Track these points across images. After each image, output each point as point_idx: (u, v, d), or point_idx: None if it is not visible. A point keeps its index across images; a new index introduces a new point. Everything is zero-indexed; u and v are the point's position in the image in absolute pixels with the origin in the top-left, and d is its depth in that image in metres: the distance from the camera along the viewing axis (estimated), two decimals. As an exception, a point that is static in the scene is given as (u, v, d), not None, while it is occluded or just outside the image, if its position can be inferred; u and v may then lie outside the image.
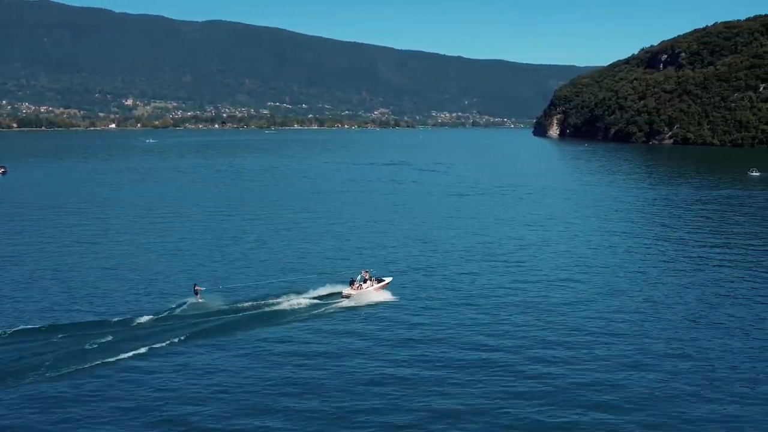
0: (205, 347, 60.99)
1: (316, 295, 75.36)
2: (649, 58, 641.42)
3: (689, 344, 61.16)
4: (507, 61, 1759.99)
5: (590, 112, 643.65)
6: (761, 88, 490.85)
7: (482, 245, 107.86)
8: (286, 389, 52.11)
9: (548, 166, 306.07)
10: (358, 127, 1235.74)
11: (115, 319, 67.05)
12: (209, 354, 59.46)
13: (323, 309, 71.98)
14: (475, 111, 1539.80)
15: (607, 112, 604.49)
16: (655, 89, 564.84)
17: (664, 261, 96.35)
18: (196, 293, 74.33)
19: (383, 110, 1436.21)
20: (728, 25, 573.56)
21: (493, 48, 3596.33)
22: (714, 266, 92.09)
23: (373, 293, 76.26)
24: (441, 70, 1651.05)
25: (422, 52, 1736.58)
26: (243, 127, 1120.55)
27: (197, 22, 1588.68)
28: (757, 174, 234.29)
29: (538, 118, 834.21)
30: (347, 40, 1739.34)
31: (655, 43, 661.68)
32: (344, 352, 59.51)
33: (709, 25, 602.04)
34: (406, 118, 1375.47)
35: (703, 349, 59.79)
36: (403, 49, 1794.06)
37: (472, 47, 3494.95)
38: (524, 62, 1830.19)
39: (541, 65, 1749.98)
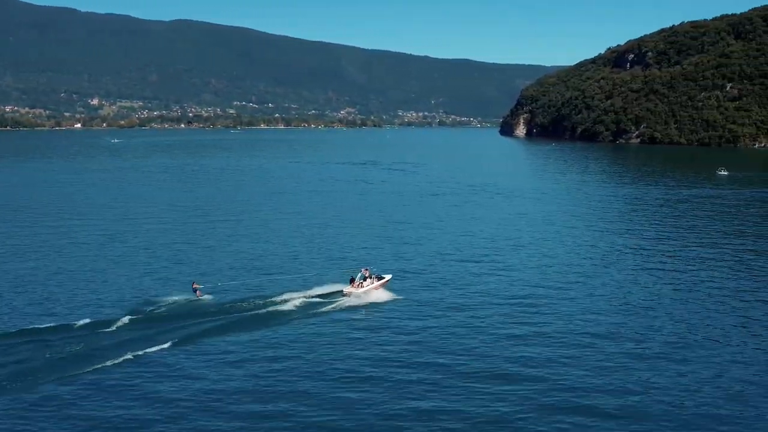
0: (201, 350, 59.12)
1: (316, 293, 74.70)
2: (615, 58, 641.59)
3: (669, 346, 60.58)
4: (473, 61, 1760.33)
5: (557, 111, 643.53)
6: (728, 88, 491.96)
7: (462, 244, 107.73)
8: (278, 394, 50.48)
9: (518, 166, 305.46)
10: (325, 126, 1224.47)
11: (96, 322, 64.86)
12: (204, 357, 57.58)
13: (324, 308, 71.20)
14: (441, 110, 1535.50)
15: (573, 112, 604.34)
16: (622, 88, 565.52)
17: (642, 261, 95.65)
18: (194, 291, 73.80)
19: (350, 110, 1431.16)
20: (695, 25, 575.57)
21: (459, 47, 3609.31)
22: (691, 266, 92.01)
23: (374, 292, 76.04)
24: (407, 69, 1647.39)
25: (388, 51, 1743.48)
26: (209, 126, 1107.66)
27: (164, 21, 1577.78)
28: (726, 173, 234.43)
29: (505, 117, 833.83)
30: (313, 39, 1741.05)
31: (622, 43, 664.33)
32: (342, 356, 57.94)
33: (676, 24, 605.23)
34: (372, 118, 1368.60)
35: (683, 351, 59.30)
36: (370, 48, 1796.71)
37: (438, 47, 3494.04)
38: (490, 62, 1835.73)
39: (507, 65, 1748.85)
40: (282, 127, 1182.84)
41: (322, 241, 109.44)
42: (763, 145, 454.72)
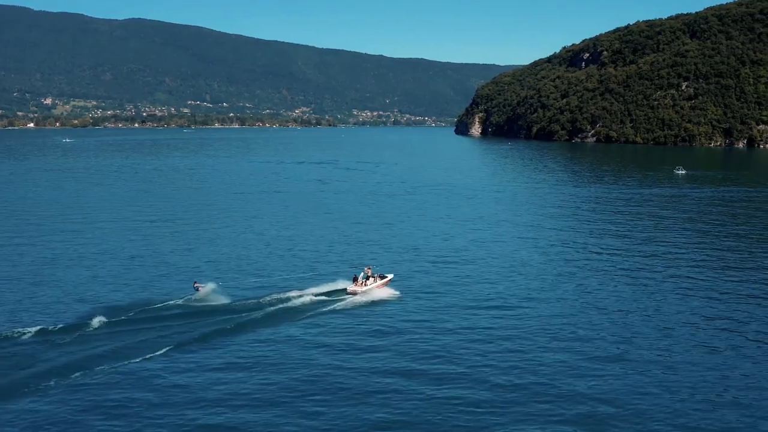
0: (195, 355, 54.49)
1: (320, 292, 71.49)
2: (571, 57, 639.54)
3: (653, 350, 56.78)
4: (428, 60, 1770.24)
5: (512, 110, 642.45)
6: (683, 87, 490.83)
7: (440, 244, 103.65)
8: (280, 402, 46.27)
9: (477, 165, 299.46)
10: (279, 126, 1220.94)
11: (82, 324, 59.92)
12: (202, 362, 53.12)
13: (331, 306, 68.18)
14: (396, 109, 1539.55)
15: (529, 111, 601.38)
16: (578, 87, 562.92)
17: (616, 262, 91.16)
18: (196, 290, 70.43)
19: (304, 109, 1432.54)
20: (650, 24, 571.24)
21: (414, 46, 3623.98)
22: (660, 265, 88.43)
23: (378, 291, 73.15)
24: (362, 68, 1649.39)
25: (343, 50, 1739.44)
26: (163, 126, 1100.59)
27: (117, 20, 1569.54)
28: (683, 172, 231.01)
29: (460, 116, 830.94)
30: (268, 38, 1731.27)
31: (577, 42, 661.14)
32: (351, 359, 54.12)
33: (631, 23, 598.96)
34: (327, 117, 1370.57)
35: (664, 355, 56.00)
36: (324, 47, 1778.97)
37: (392, 46, 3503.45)
38: (445, 61, 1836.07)
39: (461, 64, 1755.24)
40: (236, 126, 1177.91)
41: (311, 241, 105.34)
42: (719, 144, 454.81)
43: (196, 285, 71.14)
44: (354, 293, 71.51)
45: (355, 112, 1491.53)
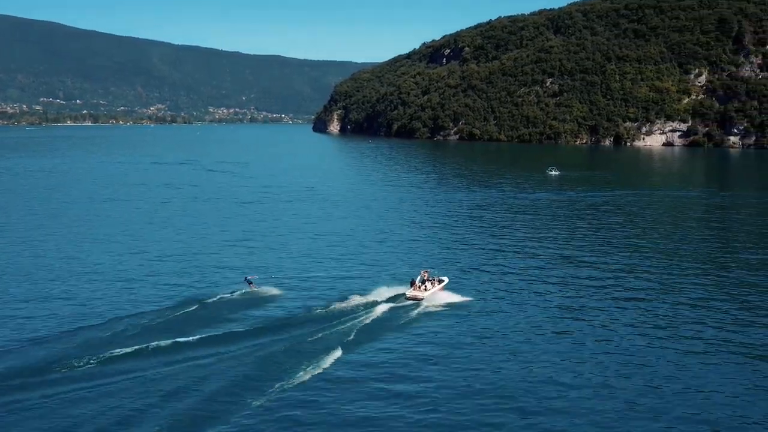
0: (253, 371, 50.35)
1: (379, 298, 68.80)
2: (431, 53, 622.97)
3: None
4: (284, 57, 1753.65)
5: (372, 107, 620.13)
6: (548, 83, 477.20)
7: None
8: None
9: (340, 166, 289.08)
10: (133, 123, 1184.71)
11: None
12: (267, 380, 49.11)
13: (402, 316, 65.25)
14: (252, 107, 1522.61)
15: (389, 108, 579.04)
16: (439, 84, 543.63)
17: (523, 271, 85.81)
18: (249, 283, 71.73)
19: (159, 106, 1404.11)
20: (513, 19, 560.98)
21: (269, 43, 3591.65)
22: (552, 274, 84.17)
23: (441, 294, 71.44)
24: (217, 65, 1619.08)
25: (198, 47, 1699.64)
26: (14, 123, 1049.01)
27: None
28: (556, 173, 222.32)
29: (318, 113, 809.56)
30: (122, 34, 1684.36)
31: (437, 38, 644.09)
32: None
33: (493, 19, 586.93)
34: (182, 114, 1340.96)
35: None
36: (179, 44, 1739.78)
37: (248, 43, 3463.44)
38: (301, 58, 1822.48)
39: (317, 61, 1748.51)
40: (89, 123, 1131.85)
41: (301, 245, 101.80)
42: (584, 141, 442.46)
43: (248, 279, 71.96)
44: (415, 298, 69.28)
45: (211, 110, 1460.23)
